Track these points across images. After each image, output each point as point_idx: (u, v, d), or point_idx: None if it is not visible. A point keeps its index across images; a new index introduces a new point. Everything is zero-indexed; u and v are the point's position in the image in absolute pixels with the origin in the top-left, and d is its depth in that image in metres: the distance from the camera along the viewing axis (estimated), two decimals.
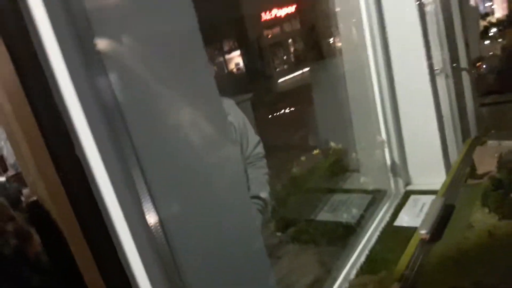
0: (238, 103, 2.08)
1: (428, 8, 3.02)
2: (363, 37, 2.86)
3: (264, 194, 2.13)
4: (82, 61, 0.68)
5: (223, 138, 0.95)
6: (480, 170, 2.36)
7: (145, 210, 0.71)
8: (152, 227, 0.72)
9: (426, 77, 2.83)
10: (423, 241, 1.85)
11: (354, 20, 2.87)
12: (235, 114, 2.02)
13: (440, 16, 3.13)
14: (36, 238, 1.05)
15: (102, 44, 0.72)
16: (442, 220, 1.96)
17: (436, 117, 2.90)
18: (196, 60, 0.91)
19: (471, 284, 1.50)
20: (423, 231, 1.87)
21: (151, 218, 0.72)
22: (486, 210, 1.93)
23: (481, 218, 1.91)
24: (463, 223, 1.92)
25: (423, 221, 1.96)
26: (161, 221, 0.73)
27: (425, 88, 2.85)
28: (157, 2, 0.85)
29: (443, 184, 2.43)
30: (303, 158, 3.86)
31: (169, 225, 0.75)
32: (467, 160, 2.52)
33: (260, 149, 2.16)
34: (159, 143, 0.78)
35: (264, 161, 2.18)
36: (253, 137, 2.09)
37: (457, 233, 1.87)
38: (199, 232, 0.85)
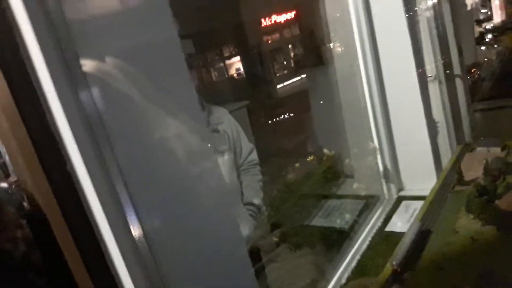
0: (236, 109, 2.13)
1: (421, 16, 3.07)
2: (354, 45, 2.92)
3: (257, 201, 2.19)
4: (68, 83, 0.74)
5: (206, 150, 1.01)
6: (467, 177, 2.41)
7: (129, 222, 0.77)
8: (137, 238, 0.78)
9: (416, 84, 2.88)
10: (395, 272, 1.80)
11: (345, 28, 2.92)
12: (228, 122, 2.07)
13: (433, 24, 3.19)
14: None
15: (85, 62, 0.78)
16: (416, 248, 1.90)
17: (427, 123, 2.95)
18: (177, 73, 0.96)
19: None
20: (394, 262, 1.81)
21: (135, 229, 0.78)
22: (471, 216, 1.98)
23: (466, 224, 1.95)
24: (448, 229, 1.97)
25: (396, 251, 1.90)
26: (145, 232, 0.79)
27: (416, 95, 2.90)
28: (136, 18, 0.89)
29: (430, 192, 2.47)
30: (297, 164, 3.90)
31: (153, 236, 0.81)
32: (457, 166, 2.57)
33: (253, 156, 2.21)
34: (142, 157, 0.84)
35: (258, 168, 2.23)
36: (247, 145, 2.14)
37: (441, 238, 1.91)
38: (183, 243, 0.91)
